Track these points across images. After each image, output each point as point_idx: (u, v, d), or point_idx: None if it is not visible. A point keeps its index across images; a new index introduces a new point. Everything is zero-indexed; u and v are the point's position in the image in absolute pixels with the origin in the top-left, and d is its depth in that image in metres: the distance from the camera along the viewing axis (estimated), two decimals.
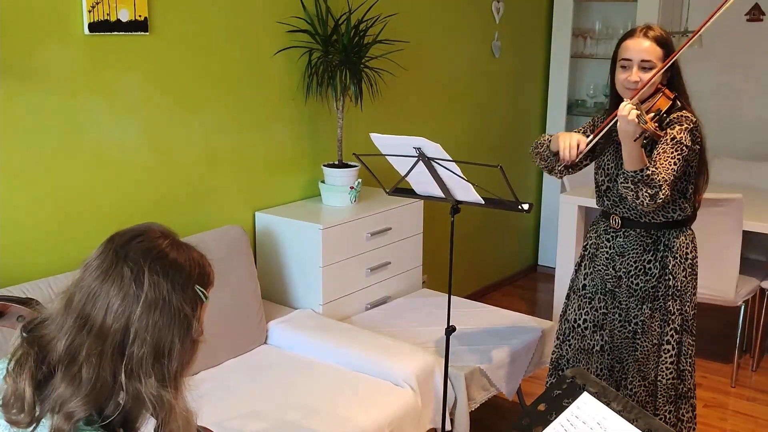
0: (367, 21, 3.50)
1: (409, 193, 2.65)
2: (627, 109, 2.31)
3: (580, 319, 2.81)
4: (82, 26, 2.67)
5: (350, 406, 2.68)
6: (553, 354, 2.93)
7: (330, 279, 3.28)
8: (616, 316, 2.74)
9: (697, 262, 2.75)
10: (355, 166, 3.48)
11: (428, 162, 2.38)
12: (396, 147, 2.44)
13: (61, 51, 2.64)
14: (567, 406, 1.70)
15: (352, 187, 3.47)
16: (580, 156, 2.54)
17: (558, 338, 2.90)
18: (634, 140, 2.33)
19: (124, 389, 1.23)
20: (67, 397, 1.22)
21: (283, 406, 2.65)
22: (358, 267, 3.42)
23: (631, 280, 2.69)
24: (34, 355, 1.26)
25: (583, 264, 2.83)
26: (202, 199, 3.19)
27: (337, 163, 3.54)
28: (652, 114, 2.42)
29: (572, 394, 1.71)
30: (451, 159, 2.37)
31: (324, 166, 3.51)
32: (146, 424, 1.33)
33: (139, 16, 2.81)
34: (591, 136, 2.53)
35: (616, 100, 2.63)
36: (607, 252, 2.73)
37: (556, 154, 2.62)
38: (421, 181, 2.51)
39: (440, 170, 2.40)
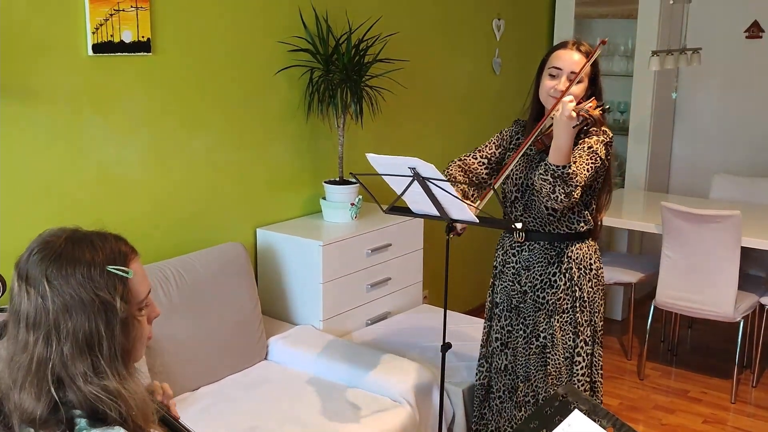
0: (368, 40, 3.55)
1: (406, 211, 2.68)
2: (566, 101, 2.35)
3: (494, 337, 2.83)
4: (86, 47, 2.73)
5: (349, 422, 2.71)
6: (483, 378, 2.89)
7: (330, 295, 3.31)
8: (520, 332, 2.75)
9: (602, 273, 2.77)
10: (355, 183, 3.52)
11: (423, 182, 2.42)
12: (391, 167, 2.48)
13: (65, 72, 2.70)
14: (558, 423, 1.72)
15: (352, 204, 3.51)
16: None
17: (486, 361, 2.88)
18: (573, 127, 2.35)
19: (55, 395, 1.27)
20: (16, 408, 1.28)
21: (282, 422, 2.67)
22: (359, 283, 3.45)
23: (537, 293, 2.70)
24: None
25: (495, 282, 2.84)
26: (204, 216, 3.23)
27: (338, 179, 3.58)
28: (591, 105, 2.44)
29: (563, 412, 1.74)
30: (445, 179, 2.40)
31: (325, 182, 3.55)
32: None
33: (142, 37, 2.87)
34: (479, 202, 2.59)
35: (537, 108, 2.68)
36: (513, 267, 2.75)
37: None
38: (417, 200, 2.54)
39: (435, 190, 2.43)
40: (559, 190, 2.41)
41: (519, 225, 2.42)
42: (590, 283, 2.71)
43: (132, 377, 1.33)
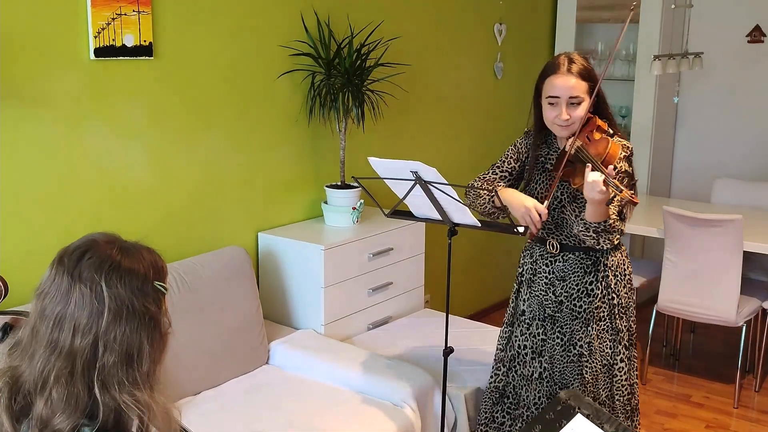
0: (369, 44, 3.55)
1: (408, 215, 2.68)
2: (597, 181, 2.26)
3: (521, 345, 2.77)
4: (88, 51, 2.73)
5: (350, 427, 2.70)
6: (499, 382, 2.83)
7: (332, 299, 3.31)
8: (557, 341, 2.70)
9: (632, 277, 2.75)
10: (357, 187, 3.52)
11: (425, 185, 2.42)
12: (393, 170, 2.48)
13: (67, 76, 2.70)
14: (561, 428, 1.72)
15: (354, 208, 3.50)
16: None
17: (504, 365, 2.83)
18: (606, 204, 2.34)
19: (100, 399, 1.27)
20: (47, 417, 1.26)
21: (283, 427, 2.67)
22: (360, 287, 3.44)
23: (573, 303, 2.66)
24: (7, 387, 1.31)
25: (521, 290, 2.78)
26: (206, 220, 3.23)
27: (339, 184, 3.58)
28: (618, 174, 2.38)
29: (566, 416, 1.73)
30: (447, 183, 2.40)
31: (326, 187, 3.55)
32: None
33: (144, 41, 2.87)
34: (546, 200, 2.51)
35: (541, 130, 2.63)
36: (546, 277, 2.69)
37: (501, 207, 2.59)
38: (419, 203, 2.54)
39: (437, 193, 2.43)
40: (603, 240, 2.44)
41: (521, 229, 2.41)
42: (626, 289, 2.68)
43: (158, 391, 1.35)
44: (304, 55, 3.44)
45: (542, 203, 2.53)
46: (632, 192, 2.37)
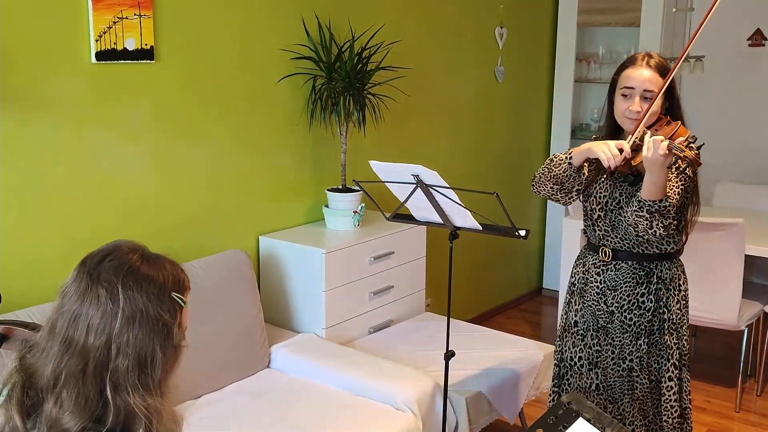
0: (371, 48, 3.55)
1: (409, 219, 2.68)
2: (658, 140, 2.24)
3: (575, 357, 2.72)
4: (89, 55, 2.73)
5: (351, 430, 2.70)
6: (558, 396, 2.76)
7: (333, 303, 3.30)
8: (609, 353, 2.64)
9: (688, 293, 2.68)
10: (358, 191, 3.52)
11: (426, 189, 2.42)
12: (395, 174, 2.48)
13: (68, 80, 2.70)
14: None
15: (355, 212, 3.50)
16: (624, 162, 2.41)
17: (561, 380, 2.77)
18: (668, 167, 2.30)
19: (111, 401, 1.28)
20: (55, 416, 1.28)
21: (284, 430, 2.66)
22: (361, 291, 3.44)
23: (624, 314, 2.62)
24: (21, 383, 1.32)
25: (572, 300, 2.73)
26: (207, 223, 3.23)
27: (340, 187, 3.58)
28: (684, 141, 2.34)
29: (568, 420, 1.73)
30: (448, 186, 2.40)
31: (328, 190, 3.55)
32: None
33: (145, 44, 2.87)
34: (630, 138, 2.42)
35: (614, 127, 2.59)
36: (597, 286, 2.65)
37: (579, 169, 2.52)
38: (420, 207, 2.54)
39: (438, 197, 2.43)
40: (656, 224, 2.37)
41: (522, 232, 2.41)
42: (679, 305, 2.62)
43: (168, 399, 1.37)
44: (305, 58, 3.44)
45: (602, 202, 2.49)
46: (696, 153, 2.31)
